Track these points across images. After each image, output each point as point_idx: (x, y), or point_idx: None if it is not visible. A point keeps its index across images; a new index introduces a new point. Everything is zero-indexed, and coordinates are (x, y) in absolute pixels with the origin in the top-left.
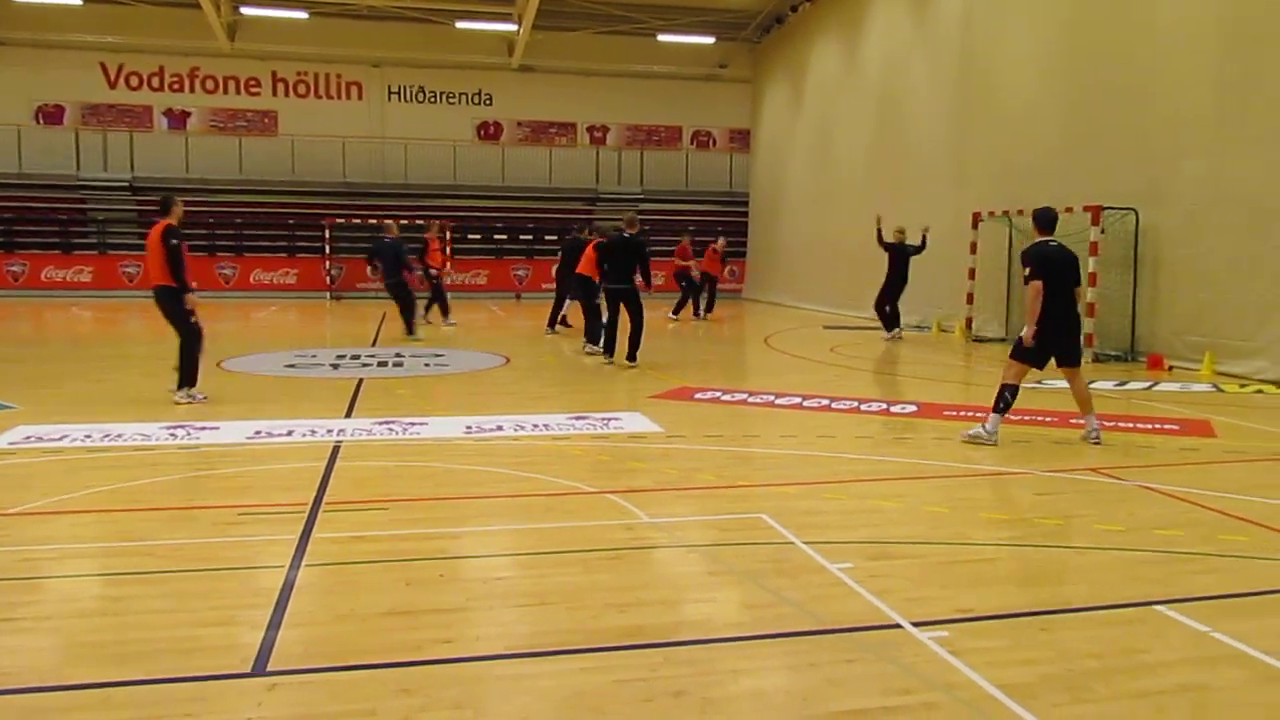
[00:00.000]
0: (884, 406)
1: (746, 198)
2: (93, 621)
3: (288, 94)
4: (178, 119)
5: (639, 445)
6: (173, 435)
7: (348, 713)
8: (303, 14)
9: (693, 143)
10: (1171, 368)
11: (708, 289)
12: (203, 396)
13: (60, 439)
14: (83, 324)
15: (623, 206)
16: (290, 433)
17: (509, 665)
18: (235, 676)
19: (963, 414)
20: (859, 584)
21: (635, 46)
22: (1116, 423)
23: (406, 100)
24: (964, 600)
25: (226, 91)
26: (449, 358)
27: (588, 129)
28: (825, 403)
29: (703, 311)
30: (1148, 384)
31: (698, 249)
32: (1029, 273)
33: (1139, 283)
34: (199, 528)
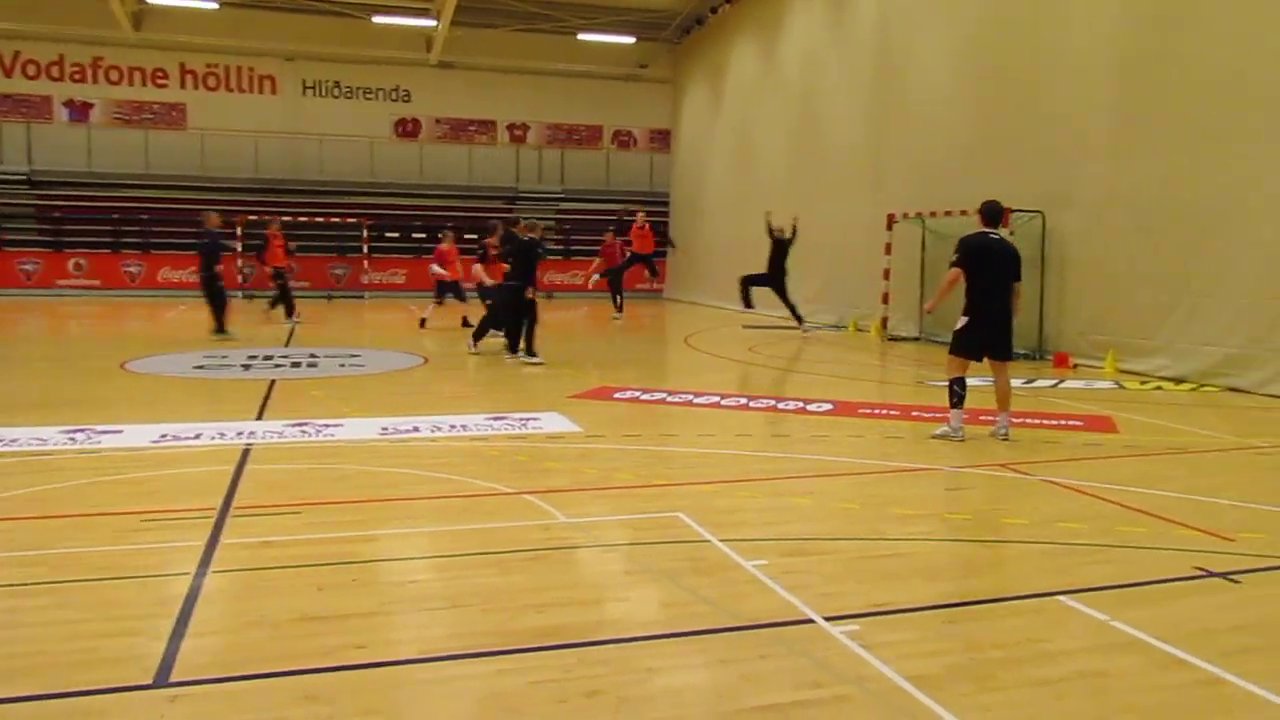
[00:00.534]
0: (801, 405)
1: (667, 198)
2: None
3: (197, 86)
4: (79, 110)
5: (557, 445)
6: (71, 439)
7: None
8: (213, 4)
9: (614, 142)
10: (1077, 365)
11: (646, 267)
12: None
13: None
14: None
15: (543, 206)
16: (198, 436)
17: (423, 669)
18: (135, 689)
19: (878, 412)
20: (774, 580)
21: (556, 45)
22: (1025, 419)
23: (322, 95)
24: (876, 595)
25: (132, 83)
26: (365, 358)
27: (508, 127)
28: (743, 401)
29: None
30: (1054, 381)
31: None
32: (954, 259)
33: (1046, 283)
34: (99, 535)
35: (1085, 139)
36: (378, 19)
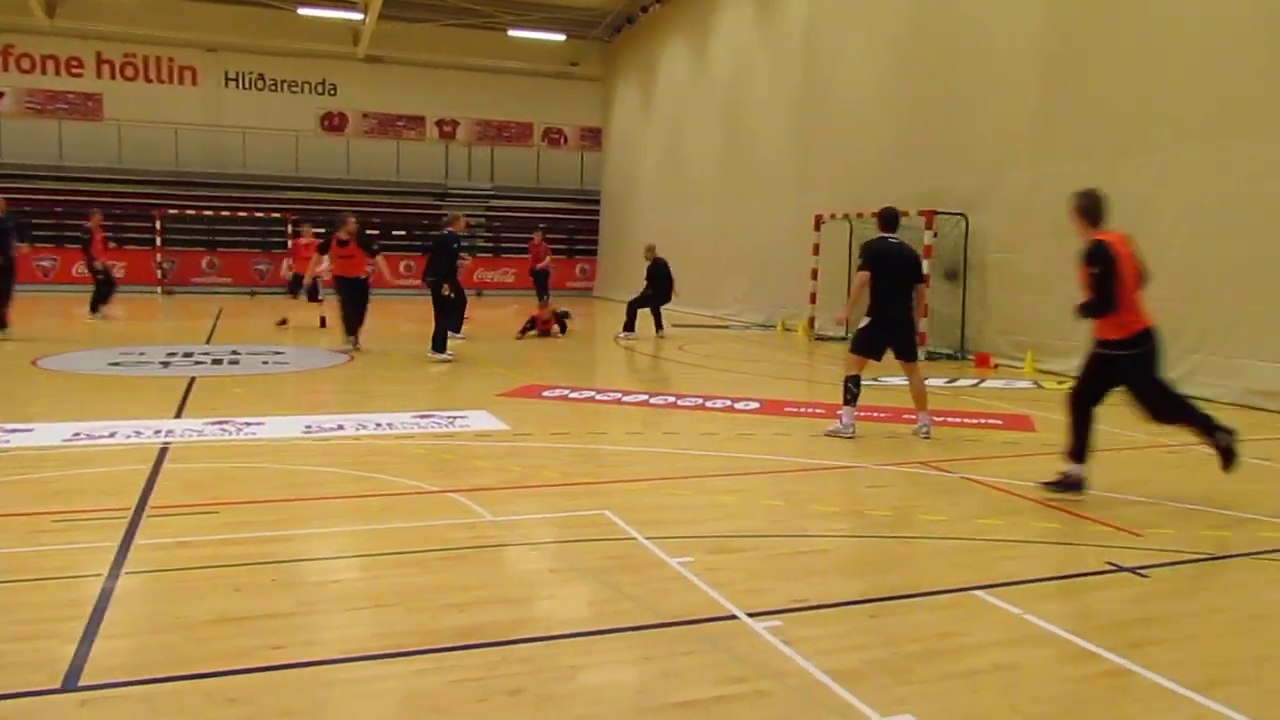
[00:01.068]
0: (728, 403)
1: (598, 196)
2: None
3: (114, 76)
4: None
5: (484, 444)
6: None
7: None
8: None
9: (544, 139)
10: (997, 365)
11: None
12: None
13: None
14: None
15: (473, 203)
16: (113, 434)
17: (342, 670)
18: (43, 693)
19: (804, 410)
20: (698, 577)
21: (486, 41)
22: (946, 418)
23: (245, 87)
24: (798, 591)
25: (45, 71)
26: (288, 355)
27: (437, 123)
28: (671, 400)
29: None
30: (975, 381)
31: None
32: (860, 264)
33: (969, 285)
34: (8, 536)
35: (1007, 143)
36: (303, 11)
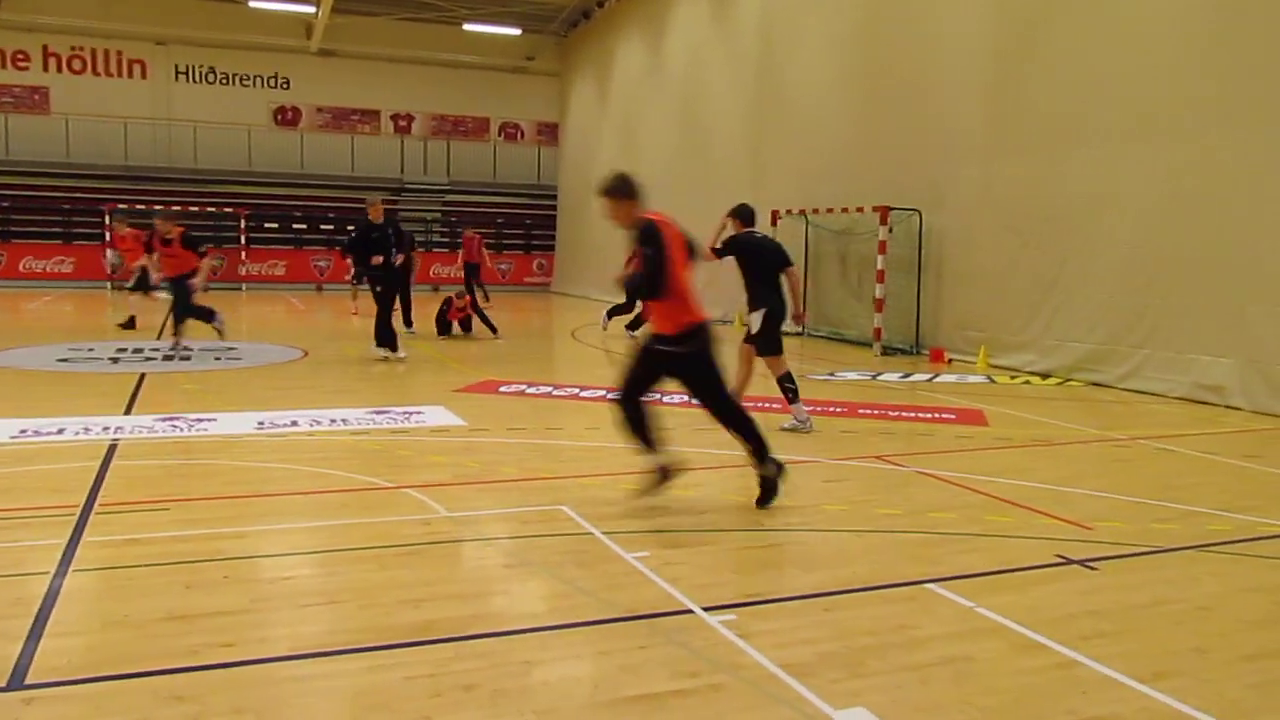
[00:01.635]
0: (686, 399)
1: (555, 191)
2: None
3: (61, 69)
4: None
5: (441, 439)
6: None
7: None
8: None
9: (500, 134)
10: (951, 360)
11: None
12: None
13: None
14: None
15: (429, 197)
16: (61, 431)
17: (294, 667)
18: None
19: (761, 405)
20: (654, 572)
21: (441, 35)
22: (901, 413)
23: (195, 81)
24: (753, 585)
25: None
26: (241, 351)
27: (392, 117)
28: None
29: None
30: (930, 376)
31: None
32: (738, 259)
33: (923, 281)
34: None
35: (960, 140)
36: (254, 3)
